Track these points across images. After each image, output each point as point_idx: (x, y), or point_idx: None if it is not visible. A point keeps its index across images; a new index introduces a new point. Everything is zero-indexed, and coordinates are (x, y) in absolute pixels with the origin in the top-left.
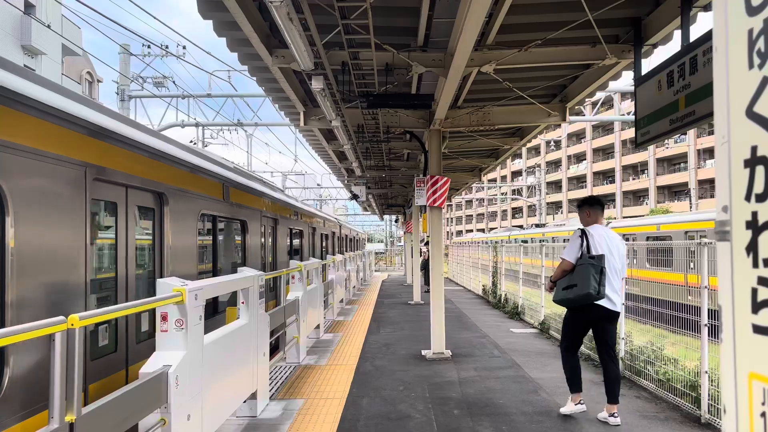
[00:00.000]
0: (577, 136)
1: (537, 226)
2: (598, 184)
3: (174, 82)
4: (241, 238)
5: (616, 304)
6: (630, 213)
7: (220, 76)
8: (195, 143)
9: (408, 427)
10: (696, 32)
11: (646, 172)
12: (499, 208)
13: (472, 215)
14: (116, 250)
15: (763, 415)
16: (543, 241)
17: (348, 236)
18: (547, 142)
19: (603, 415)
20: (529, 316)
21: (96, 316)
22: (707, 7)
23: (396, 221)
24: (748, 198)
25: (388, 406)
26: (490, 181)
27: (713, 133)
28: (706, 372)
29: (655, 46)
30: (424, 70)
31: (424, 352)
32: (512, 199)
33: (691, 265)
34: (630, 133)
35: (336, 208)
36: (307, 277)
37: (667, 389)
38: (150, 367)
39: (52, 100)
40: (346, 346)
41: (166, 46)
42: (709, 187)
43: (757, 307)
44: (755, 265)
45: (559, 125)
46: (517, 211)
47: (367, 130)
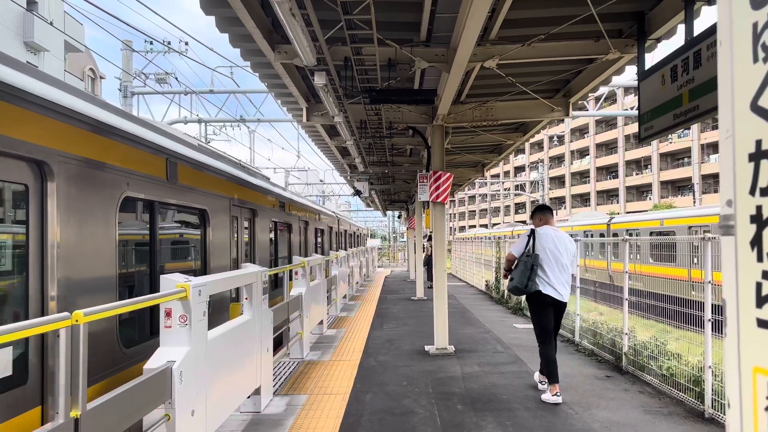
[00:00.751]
0: (581, 131)
1: None
2: (602, 179)
3: (176, 79)
4: (200, 234)
5: (563, 295)
6: (633, 208)
7: (223, 72)
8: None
9: (411, 423)
10: (700, 26)
11: (650, 167)
12: (502, 203)
13: (475, 211)
14: None
15: None
16: None
17: (347, 231)
18: (550, 138)
19: (540, 381)
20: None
21: (101, 312)
22: (711, 1)
23: (399, 217)
24: (752, 192)
25: (392, 401)
26: (493, 176)
27: (717, 127)
28: (710, 367)
29: (658, 41)
30: (426, 66)
31: (427, 348)
32: (515, 195)
33: (695, 260)
34: (633, 128)
35: (339, 204)
36: (310, 273)
37: (671, 384)
38: (154, 363)
39: None
40: (350, 342)
41: (169, 43)
42: (713, 182)
43: (761, 301)
44: (760, 259)
45: (563, 120)
46: (520, 207)
47: (370, 126)
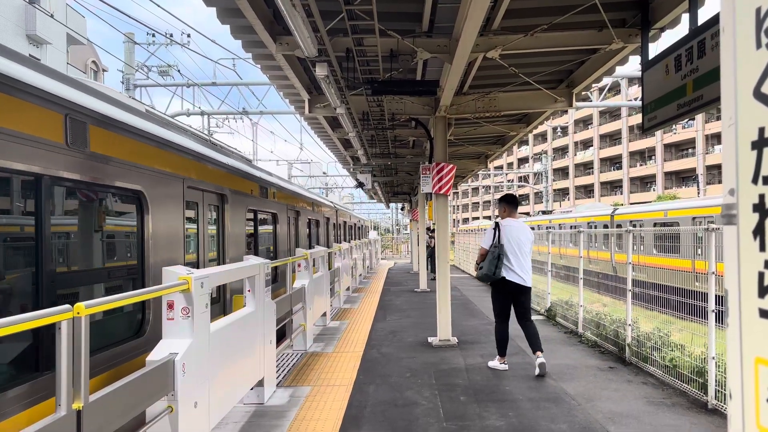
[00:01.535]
0: (584, 122)
1: (543, 213)
2: (605, 170)
3: (179, 71)
4: (134, 224)
5: (525, 280)
6: (637, 199)
7: (225, 64)
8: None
9: (415, 414)
10: (704, 15)
11: (654, 158)
12: None
13: (478, 202)
14: None
15: None
16: (549, 228)
17: (347, 223)
18: (554, 129)
19: (538, 361)
20: (536, 303)
21: (102, 304)
22: None
23: (402, 209)
24: (755, 180)
25: (395, 393)
26: (496, 168)
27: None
28: (713, 358)
29: (662, 30)
30: (429, 56)
31: (430, 339)
32: (519, 186)
33: (699, 251)
34: (637, 119)
35: (342, 197)
36: (314, 265)
37: (674, 375)
38: (157, 355)
39: None
40: (353, 334)
41: (171, 35)
42: (717, 172)
43: (763, 291)
44: (762, 248)
45: (566, 111)
46: (523, 198)
47: (372, 118)
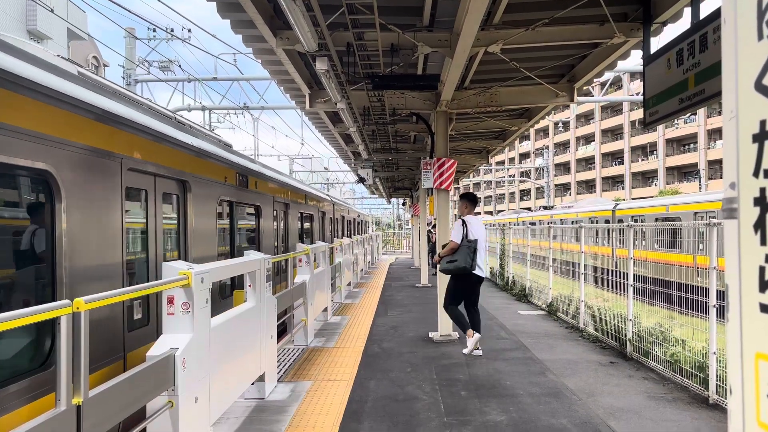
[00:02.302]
0: (586, 117)
1: (545, 208)
2: (607, 165)
3: (180, 66)
4: (44, 217)
5: (484, 272)
6: (639, 194)
7: (226, 59)
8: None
9: (415, 409)
10: (706, 9)
11: (656, 152)
12: (507, 190)
13: (480, 198)
14: None
15: None
16: (551, 223)
17: (345, 218)
18: (556, 124)
19: (470, 344)
20: (537, 298)
21: (102, 299)
22: None
23: (403, 204)
24: (756, 174)
25: (396, 387)
26: (497, 163)
27: None
28: (714, 353)
29: (664, 24)
30: (429, 51)
31: (431, 335)
32: (520, 182)
33: (700, 246)
34: (639, 114)
35: (344, 192)
36: (315, 261)
37: (675, 370)
38: (157, 350)
39: None
40: (354, 329)
41: (172, 30)
42: (719, 167)
43: (764, 285)
44: (763, 242)
45: (568, 106)
46: (525, 194)
47: (373, 113)
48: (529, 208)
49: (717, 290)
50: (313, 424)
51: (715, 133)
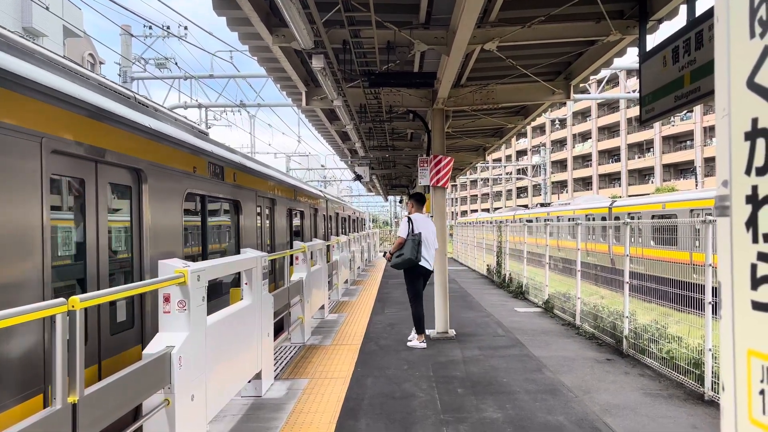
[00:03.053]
0: (582, 115)
1: (542, 205)
2: (604, 163)
3: (176, 64)
4: None
5: (432, 265)
6: (635, 191)
7: (223, 56)
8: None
9: (412, 406)
10: (702, 6)
11: (652, 150)
12: (504, 187)
13: (476, 195)
14: None
15: (762, 392)
16: (548, 221)
17: (340, 215)
18: (552, 121)
19: (416, 343)
20: (534, 296)
21: (97, 297)
22: None
23: (400, 202)
24: (748, 172)
25: (393, 385)
26: (494, 160)
27: None
28: (710, 350)
29: (660, 22)
30: (426, 48)
31: (428, 332)
32: (517, 179)
33: (696, 243)
34: (636, 111)
35: (341, 189)
36: (311, 258)
37: (671, 367)
38: (153, 348)
39: None
40: (351, 326)
41: (168, 27)
42: (715, 164)
43: (756, 283)
44: (755, 240)
45: (564, 103)
46: (522, 191)
47: (370, 110)
48: (526, 206)
49: (712, 287)
50: (310, 422)
51: (712, 131)
